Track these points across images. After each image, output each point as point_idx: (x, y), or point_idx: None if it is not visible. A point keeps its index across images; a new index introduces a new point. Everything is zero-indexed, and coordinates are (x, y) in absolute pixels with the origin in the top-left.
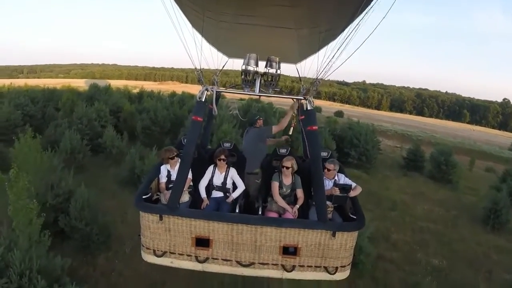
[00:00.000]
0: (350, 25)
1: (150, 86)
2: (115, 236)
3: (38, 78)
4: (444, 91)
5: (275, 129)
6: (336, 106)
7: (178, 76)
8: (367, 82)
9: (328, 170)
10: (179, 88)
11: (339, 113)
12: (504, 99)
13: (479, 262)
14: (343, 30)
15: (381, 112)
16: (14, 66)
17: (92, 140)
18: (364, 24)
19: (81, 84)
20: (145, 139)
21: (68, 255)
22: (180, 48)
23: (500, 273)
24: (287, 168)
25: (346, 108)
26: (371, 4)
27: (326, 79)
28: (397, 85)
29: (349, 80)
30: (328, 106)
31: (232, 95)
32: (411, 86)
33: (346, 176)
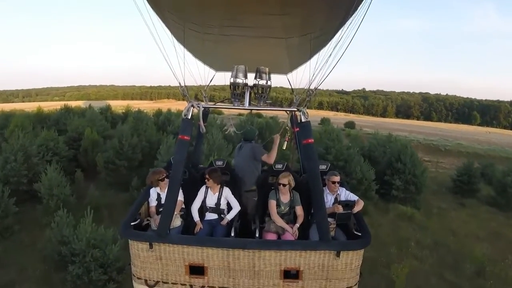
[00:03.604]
0: (341, 29)
1: (144, 105)
2: None
3: (33, 101)
4: (445, 94)
5: (265, 157)
6: (341, 116)
7: (175, 94)
8: (367, 89)
9: (333, 182)
10: (174, 105)
11: (351, 124)
12: None
13: None
14: (334, 34)
15: (389, 120)
16: (11, 91)
17: (32, 183)
18: (355, 27)
19: (72, 106)
20: (108, 177)
21: None
22: (165, 64)
23: None
24: (284, 185)
25: (352, 117)
26: (362, 5)
27: (319, 88)
28: (397, 91)
29: (348, 88)
30: (333, 117)
31: (229, 111)
32: (411, 91)
33: (347, 189)
